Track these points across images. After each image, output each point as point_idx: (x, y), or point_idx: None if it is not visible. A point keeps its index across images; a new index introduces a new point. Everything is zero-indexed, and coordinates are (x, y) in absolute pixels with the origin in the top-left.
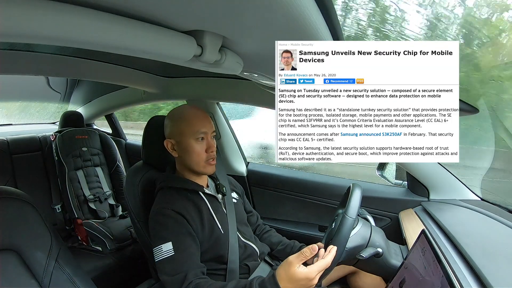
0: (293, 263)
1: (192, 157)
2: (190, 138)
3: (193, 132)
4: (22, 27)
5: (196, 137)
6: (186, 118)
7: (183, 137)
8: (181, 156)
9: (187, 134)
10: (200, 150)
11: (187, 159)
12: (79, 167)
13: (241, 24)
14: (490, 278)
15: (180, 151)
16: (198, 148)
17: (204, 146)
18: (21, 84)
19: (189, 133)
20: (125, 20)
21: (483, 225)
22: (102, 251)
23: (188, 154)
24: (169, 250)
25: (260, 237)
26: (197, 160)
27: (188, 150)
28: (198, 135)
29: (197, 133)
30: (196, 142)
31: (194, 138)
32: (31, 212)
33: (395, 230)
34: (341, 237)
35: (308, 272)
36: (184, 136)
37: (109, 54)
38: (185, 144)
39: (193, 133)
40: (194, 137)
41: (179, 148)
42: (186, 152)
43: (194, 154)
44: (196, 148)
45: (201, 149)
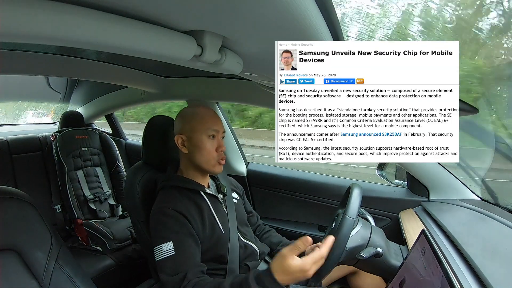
0: (287, 256)
1: (203, 154)
2: (202, 134)
3: (205, 129)
4: (22, 27)
5: (208, 134)
6: (200, 115)
7: (194, 133)
8: (190, 153)
9: (199, 130)
10: (210, 148)
11: (197, 156)
12: (79, 167)
13: (241, 24)
14: (490, 278)
15: (190, 147)
16: (209, 145)
17: (215, 144)
18: (21, 84)
19: (202, 130)
20: (125, 20)
21: (483, 225)
22: (102, 251)
23: (199, 151)
24: (170, 250)
25: (260, 238)
26: (208, 157)
27: (199, 147)
28: (210, 132)
29: (209, 130)
30: (207, 139)
31: (206, 135)
32: (31, 212)
33: (395, 230)
34: (341, 237)
35: (303, 264)
36: (196, 132)
37: (109, 54)
38: (196, 140)
39: (205, 130)
40: (206, 133)
41: (190, 144)
42: (196, 149)
43: (205, 151)
44: (207, 145)
45: (211, 147)
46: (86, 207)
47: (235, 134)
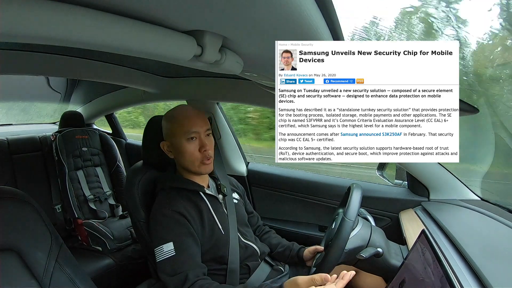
0: (301, 286)
1: (185, 157)
2: (182, 139)
3: (183, 132)
4: (22, 27)
5: (187, 137)
6: (177, 118)
7: (175, 138)
8: (176, 157)
9: (178, 135)
10: (192, 150)
11: (181, 160)
12: (79, 167)
13: (241, 24)
14: (490, 278)
15: (174, 152)
16: (191, 148)
17: (196, 145)
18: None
19: (180, 134)
20: (125, 20)
21: (483, 225)
22: (102, 251)
23: (181, 155)
24: (170, 250)
25: (259, 238)
26: (191, 160)
27: (180, 151)
28: (189, 135)
29: (188, 133)
30: (187, 142)
31: (185, 138)
32: (31, 212)
33: (395, 230)
34: (340, 240)
35: None
36: (175, 137)
37: (109, 54)
38: (178, 145)
39: (183, 133)
40: (185, 137)
41: (173, 149)
42: (179, 153)
43: (187, 155)
44: (188, 149)
45: (193, 149)
46: (86, 207)
47: (235, 134)
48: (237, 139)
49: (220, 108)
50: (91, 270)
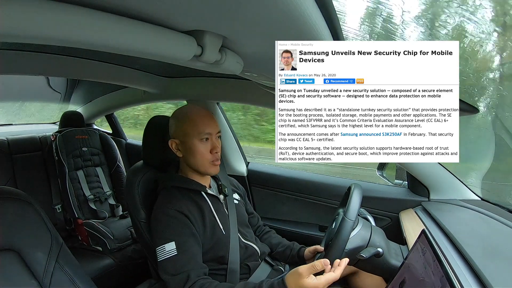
0: (303, 274)
1: (196, 157)
2: (195, 139)
3: (197, 133)
4: (22, 27)
5: (201, 138)
6: (191, 118)
7: (187, 138)
8: (185, 156)
9: (191, 135)
10: (204, 151)
11: (191, 160)
12: (80, 167)
13: (241, 24)
14: (490, 278)
15: (184, 151)
16: (202, 148)
17: (208, 146)
18: (21, 84)
19: (194, 134)
20: (125, 20)
21: (483, 225)
22: (102, 251)
23: (192, 155)
24: (172, 250)
25: (259, 239)
26: (202, 160)
27: (192, 151)
28: (202, 135)
29: (202, 133)
30: (200, 143)
31: (199, 139)
32: (31, 212)
33: (395, 230)
34: (340, 240)
35: (317, 284)
36: (188, 137)
37: (109, 54)
38: (189, 144)
39: (197, 134)
40: (199, 137)
41: (184, 148)
42: (190, 153)
43: (198, 155)
44: (200, 149)
45: (205, 150)
46: (86, 207)
47: (235, 134)
48: (237, 139)
49: (220, 108)
50: (91, 270)
